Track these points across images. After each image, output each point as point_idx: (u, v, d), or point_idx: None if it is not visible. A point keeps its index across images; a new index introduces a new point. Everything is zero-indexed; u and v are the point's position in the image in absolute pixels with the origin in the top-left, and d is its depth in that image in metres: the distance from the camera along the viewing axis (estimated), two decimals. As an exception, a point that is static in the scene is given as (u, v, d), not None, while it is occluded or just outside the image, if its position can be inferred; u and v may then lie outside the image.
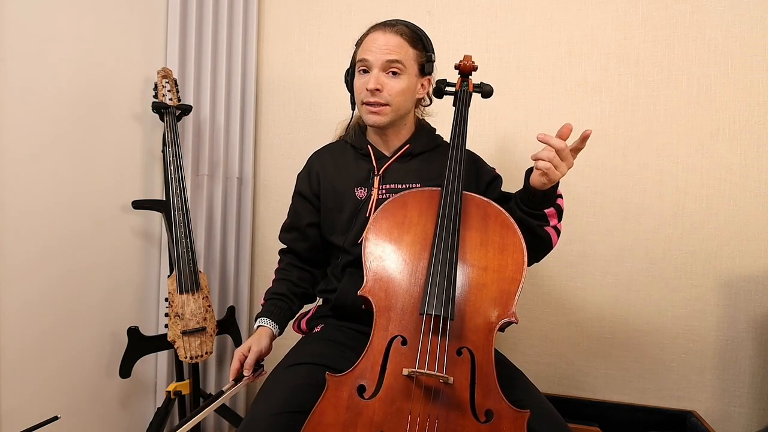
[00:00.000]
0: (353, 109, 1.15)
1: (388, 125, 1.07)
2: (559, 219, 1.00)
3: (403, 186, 1.08)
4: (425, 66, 1.08)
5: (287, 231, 1.20)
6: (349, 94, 1.13)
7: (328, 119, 1.71)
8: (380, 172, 1.08)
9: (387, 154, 1.11)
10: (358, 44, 1.09)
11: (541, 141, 0.89)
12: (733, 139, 1.48)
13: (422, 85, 1.10)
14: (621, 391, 1.56)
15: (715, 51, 1.48)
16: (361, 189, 1.09)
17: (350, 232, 1.07)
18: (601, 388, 1.57)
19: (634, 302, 1.55)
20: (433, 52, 1.09)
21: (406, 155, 1.11)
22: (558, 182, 0.94)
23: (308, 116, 1.74)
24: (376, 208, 1.02)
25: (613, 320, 1.56)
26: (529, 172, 0.96)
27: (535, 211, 0.96)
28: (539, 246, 1.00)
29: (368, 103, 1.04)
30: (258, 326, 1.07)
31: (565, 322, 1.59)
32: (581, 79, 1.56)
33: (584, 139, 0.89)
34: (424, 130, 1.16)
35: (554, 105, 1.58)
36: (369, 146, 1.11)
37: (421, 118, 1.18)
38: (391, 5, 1.67)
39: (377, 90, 1.01)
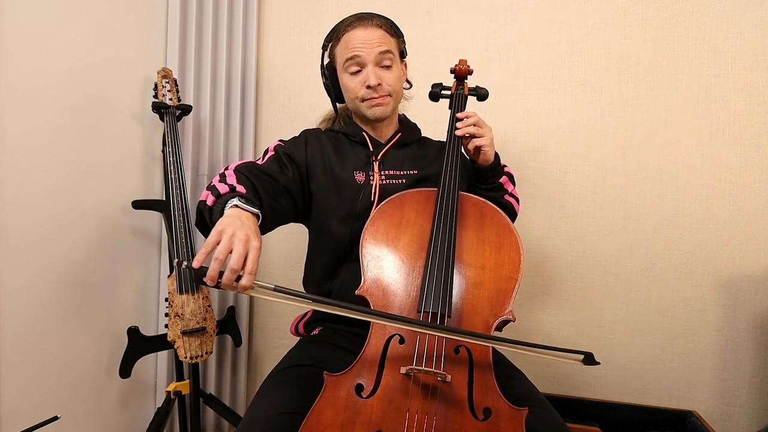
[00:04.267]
0: (336, 108, 1.17)
1: (389, 115, 1.10)
2: (514, 184, 1.14)
3: (402, 173, 1.09)
4: (403, 52, 1.11)
5: (251, 170, 0.97)
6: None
7: (328, 119, 1.71)
8: (379, 158, 1.09)
9: (382, 141, 1.13)
10: (333, 44, 1.08)
11: (459, 117, 1.04)
12: (733, 139, 1.48)
13: (403, 70, 1.13)
14: (621, 391, 1.56)
15: (715, 51, 1.48)
16: (360, 173, 1.08)
17: (355, 216, 1.03)
18: (601, 388, 1.57)
19: (634, 302, 1.55)
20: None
21: (400, 143, 1.13)
22: (499, 156, 1.08)
23: (308, 116, 1.73)
24: (379, 194, 1.03)
25: (613, 320, 1.56)
26: (473, 161, 1.07)
27: (493, 185, 1.08)
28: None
29: (370, 99, 1.04)
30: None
31: (565, 322, 1.59)
32: (581, 79, 1.56)
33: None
34: (407, 121, 1.21)
35: (554, 105, 1.58)
36: (364, 133, 1.11)
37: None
38: (390, 5, 1.67)
39: (378, 85, 1.03)
